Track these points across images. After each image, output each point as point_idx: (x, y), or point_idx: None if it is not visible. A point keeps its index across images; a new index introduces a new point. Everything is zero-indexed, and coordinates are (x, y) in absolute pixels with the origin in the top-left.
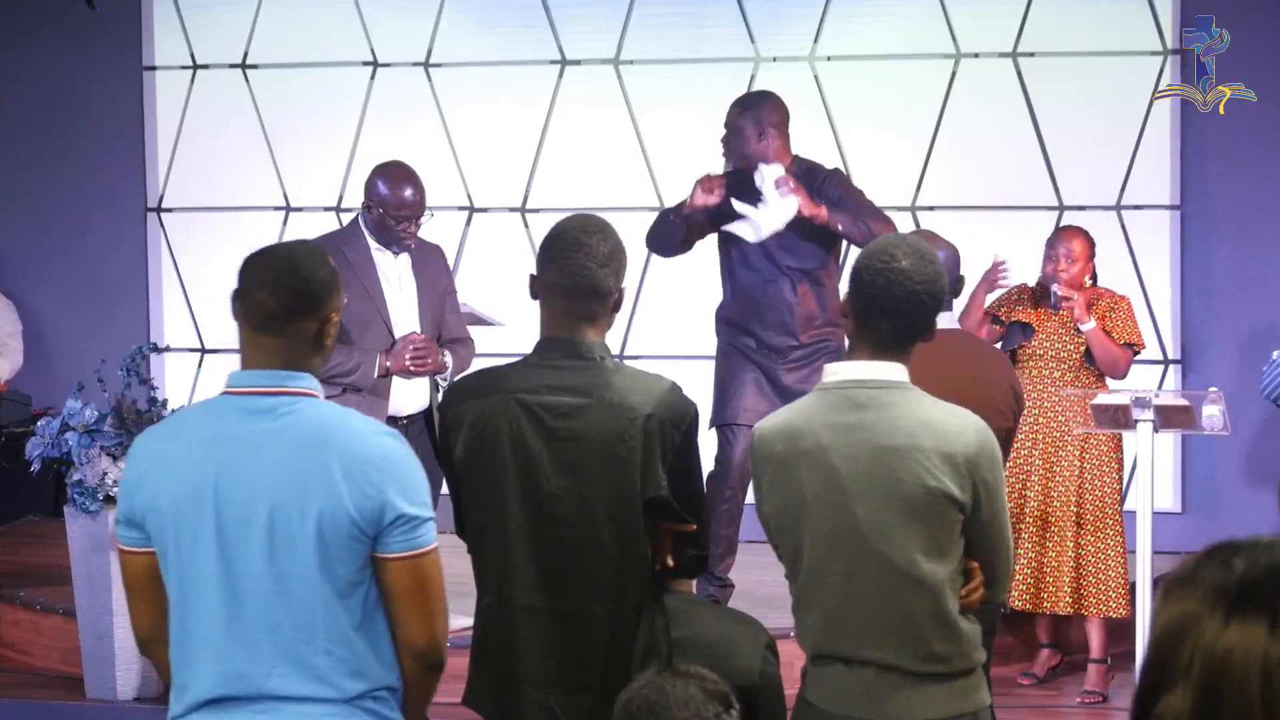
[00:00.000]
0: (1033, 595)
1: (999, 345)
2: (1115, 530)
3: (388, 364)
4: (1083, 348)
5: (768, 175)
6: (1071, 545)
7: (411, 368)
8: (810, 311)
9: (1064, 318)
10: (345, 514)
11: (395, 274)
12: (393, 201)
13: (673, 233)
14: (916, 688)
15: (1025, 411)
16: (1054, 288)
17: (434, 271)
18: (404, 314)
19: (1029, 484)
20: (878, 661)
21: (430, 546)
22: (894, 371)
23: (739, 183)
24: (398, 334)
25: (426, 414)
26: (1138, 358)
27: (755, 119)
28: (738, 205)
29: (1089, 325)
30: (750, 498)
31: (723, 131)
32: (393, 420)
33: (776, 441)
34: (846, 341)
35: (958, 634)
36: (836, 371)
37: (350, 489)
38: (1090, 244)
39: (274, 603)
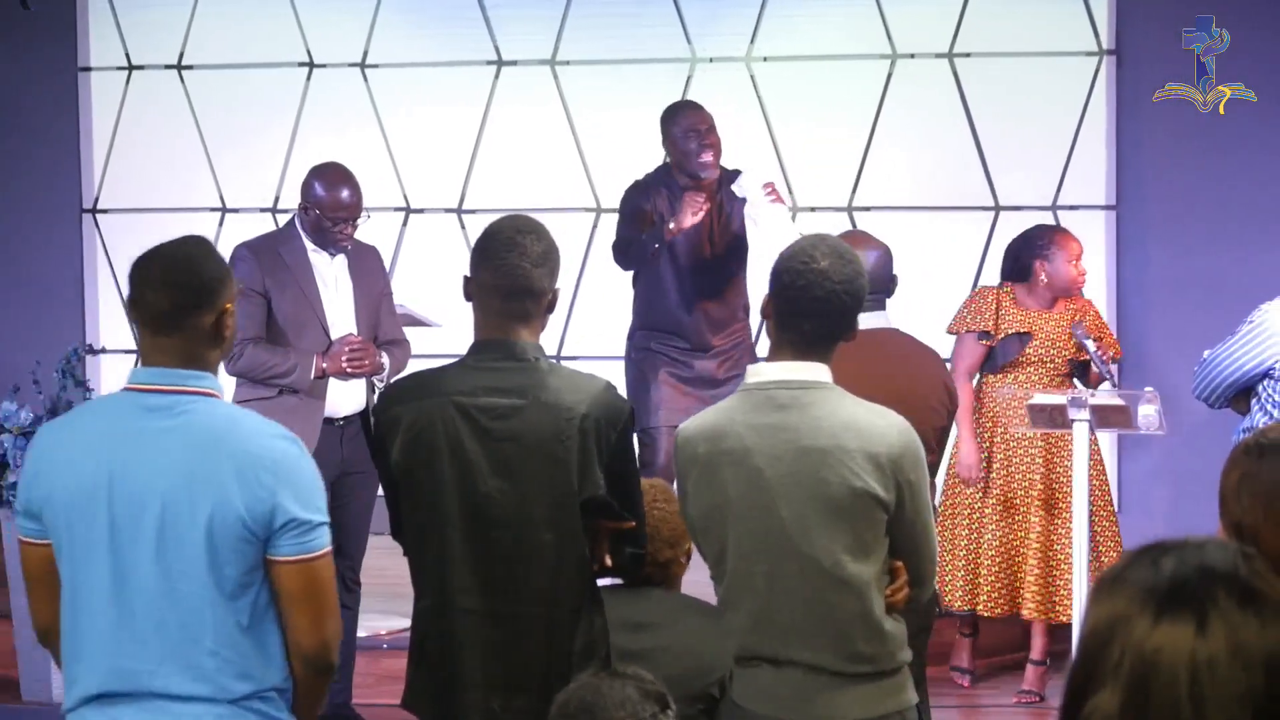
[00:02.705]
0: (969, 594)
1: (1000, 359)
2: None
3: (324, 365)
4: (1069, 357)
5: (753, 183)
6: (1028, 546)
7: (348, 369)
8: (725, 318)
9: (1056, 324)
10: (236, 515)
11: (332, 275)
12: (329, 203)
13: (644, 251)
14: (844, 688)
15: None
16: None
17: (370, 273)
18: (340, 315)
19: (989, 488)
20: (805, 662)
21: (322, 551)
22: (816, 372)
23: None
24: (334, 335)
25: (363, 415)
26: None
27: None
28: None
29: None
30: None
31: (661, 139)
32: (329, 421)
33: (699, 443)
34: (765, 339)
35: (883, 634)
36: (759, 373)
37: (242, 490)
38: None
39: (162, 601)
